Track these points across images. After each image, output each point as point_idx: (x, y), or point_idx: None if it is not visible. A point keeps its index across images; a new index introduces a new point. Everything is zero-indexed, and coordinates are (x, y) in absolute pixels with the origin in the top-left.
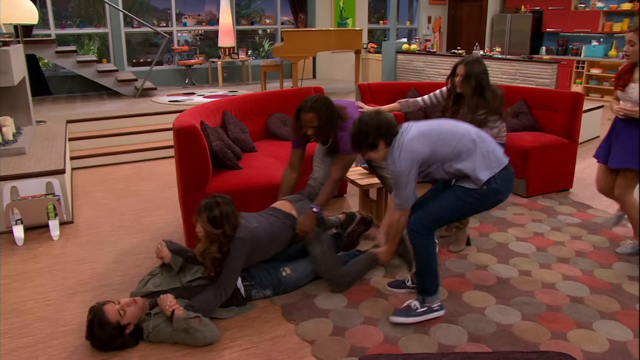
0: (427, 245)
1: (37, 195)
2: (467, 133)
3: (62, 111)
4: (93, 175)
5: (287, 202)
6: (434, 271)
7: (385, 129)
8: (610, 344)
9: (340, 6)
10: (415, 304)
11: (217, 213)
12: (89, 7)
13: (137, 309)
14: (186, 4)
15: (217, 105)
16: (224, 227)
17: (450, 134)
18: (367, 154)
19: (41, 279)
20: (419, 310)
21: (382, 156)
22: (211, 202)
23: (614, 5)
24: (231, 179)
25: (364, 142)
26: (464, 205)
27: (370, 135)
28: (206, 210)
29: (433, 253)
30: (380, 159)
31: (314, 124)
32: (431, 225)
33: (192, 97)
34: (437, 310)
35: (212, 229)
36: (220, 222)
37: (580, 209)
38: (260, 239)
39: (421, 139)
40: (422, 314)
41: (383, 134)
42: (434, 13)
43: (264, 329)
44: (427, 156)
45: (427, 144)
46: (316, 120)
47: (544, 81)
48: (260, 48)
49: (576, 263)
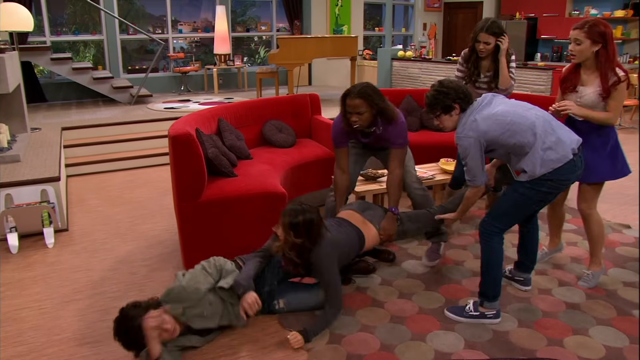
0: (491, 248)
1: (31, 203)
2: (533, 125)
3: (57, 118)
4: (88, 182)
5: (355, 212)
6: (495, 276)
7: (464, 94)
8: (606, 350)
9: (336, 13)
10: (471, 306)
11: (301, 220)
12: (85, 14)
13: (171, 337)
14: (182, 11)
15: (213, 113)
16: (304, 237)
17: (518, 125)
18: (440, 117)
19: (36, 287)
20: (472, 313)
21: (453, 123)
22: (297, 209)
23: (607, 12)
24: (227, 186)
25: (442, 102)
26: (527, 199)
27: (450, 97)
28: (290, 215)
29: (496, 258)
30: (450, 126)
31: (361, 109)
32: (498, 223)
33: (188, 104)
34: (490, 317)
35: (293, 237)
36: (302, 230)
37: (575, 215)
38: (342, 249)
39: (490, 123)
40: (473, 317)
41: (462, 99)
42: (429, 20)
43: (260, 337)
44: (491, 140)
45: (496, 129)
46: (364, 105)
47: (538, 87)
48: (255, 55)
49: (572, 269)
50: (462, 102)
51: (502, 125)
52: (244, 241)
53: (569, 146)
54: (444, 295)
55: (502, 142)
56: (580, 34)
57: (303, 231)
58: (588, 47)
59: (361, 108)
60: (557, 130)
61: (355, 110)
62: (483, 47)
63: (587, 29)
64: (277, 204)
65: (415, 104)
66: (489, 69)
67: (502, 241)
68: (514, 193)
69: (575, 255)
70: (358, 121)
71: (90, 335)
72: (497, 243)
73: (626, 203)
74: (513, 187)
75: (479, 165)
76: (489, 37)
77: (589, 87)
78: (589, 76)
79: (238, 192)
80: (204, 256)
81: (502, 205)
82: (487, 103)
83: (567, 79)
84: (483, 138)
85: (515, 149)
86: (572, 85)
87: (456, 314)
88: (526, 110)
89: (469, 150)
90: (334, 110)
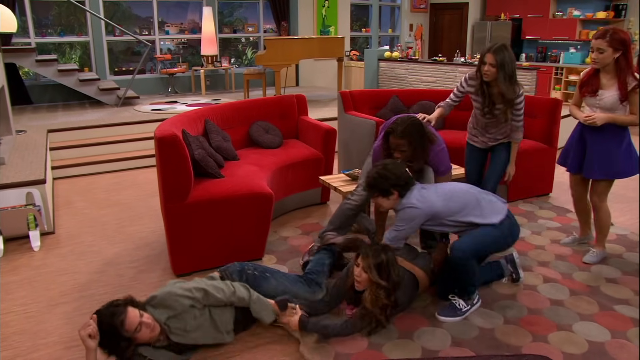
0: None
1: (17, 206)
2: (469, 189)
3: (43, 120)
4: (75, 184)
5: (403, 259)
6: (475, 281)
7: (404, 181)
8: (589, 345)
9: (323, 14)
10: (460, 302)
11: (384, 259)
12: (70, 15)
13: (151, 335)
14: (169, 12)
15: (199, 114)
16: (390, 276)
17: (457, 191)
18: (377, 197)
19: (21, 290)
20: (465, 308)
21: (390, 205)
22: (378, 248)
23: (590, 14)
24: (213, 187)
25: (380, 186)
26: (494, 239)
27: (389, 182)
28: (374, 257)
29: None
30: (387, 206)
31: (404, 148)
32: (471, 253)
33: (175, 105)
34: (477, 302)
35: (378, 278)
36: (387, 270)
37: (559, 213)
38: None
39: (433, 194)
40: (467, 311)
41: (401, 185)
42: (415, 21)
43: (248, 338)
44: (439, 209)
45: (441, 196)
46: (407, 145)
47: (523, 87)
48: (243, 56)
49: (556, 266)
50: (402, 189)
51: (445, 193)
52: (231, 242)
53: (500, 208)
54: (430, 293)
55: (451, 207)
56: (603, 44)
57: (388, 270)
58: (610, 54)
59: (404, 147)
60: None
61: (399, 149)
62: (487, 69)
63: (609, 37)
64: (264, 205)
65: (401, 104)
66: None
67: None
68: (480, 233)
69: (559, 253)
70: (400, 157)
71: (77, 339)
72: (473, 264)
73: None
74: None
75: (407, 235)
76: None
77: (608, 90)
78: (609, 80)
79: (225, 193)
80: (192, 258)
81: (474, 239)
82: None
83: (587, 83)
84: (430, 209)
85: (463, 208)
86: (592, 89)
87: (452, 315)
88: (457, 184)
89: (410, 219)
90: (321, 110)
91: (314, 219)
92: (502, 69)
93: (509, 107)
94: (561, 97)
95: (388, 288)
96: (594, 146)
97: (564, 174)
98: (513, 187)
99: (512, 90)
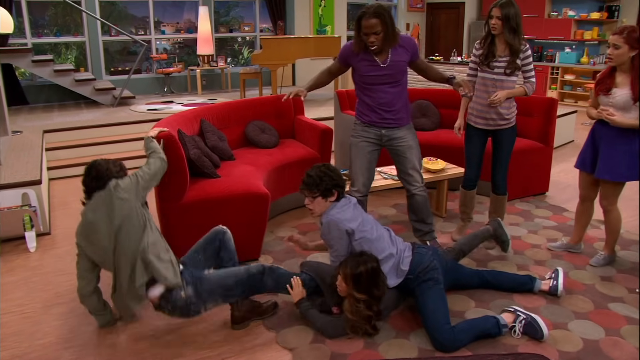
0: (461, 339)
1: (12, 207)
2: (389, 239)
3: (38, 121)
4: (71, 185)
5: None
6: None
7: (342, 188)
8: (584, 343)
9: (319, 13)
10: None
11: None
12: (66, 15)
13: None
14: (164, 12)
15: (195, 114)
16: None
17: (373, 224)
18: (315, 197)
19: (17, 291)
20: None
21: (323, 208)
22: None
23: (584, 14)
24: (209, 187)
25: (326, 183)
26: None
27: (334, 181)
28: (351, 267)
29: (475, 332)
30: (318, 210)
31: (377, 29)
32: (444, 325)
33: (171, 105)
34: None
35: (354, 290)
36: (367, 282)
37: (556, 212)
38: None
39: (351, 212)
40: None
41: (342, 187)
42: (412, 20)
43: (244, 339)
44: (354, 228)
45: (357, 218)
46: (380, 25)
47: None
48: (239, 56)
49: (552, 265)
50: (340, 191)
51: (362, 216)
52: None
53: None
54: None
55: (364, 236)
56: (619, 40)
57: (367, 284)
58: (626, 51)
59: (377, 28)
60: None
61: (372, 31)
62: (495, 22)
63: (626, 34)
64: (260, 205)
65: None
66: (504, 51)
67: (462, 327)
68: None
69: (555, 252)
70: (376, 42)
71: (73, 339)
72: (462, 333)
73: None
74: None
75: (343, 250)
76: (500, 12)
77: (621, 89)
78: (624, 79)
79: (221, 193)
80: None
81: (430, 313)
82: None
83: (602, 81)
84: (345, 226)
85: (376, 246)
86: (607, 88)
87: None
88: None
89: (331, 235)
90: (317, 110)
91: (310, 219)
92: (507, 22)
93: (516, 57)
94: (557, 96)
95: (367, 300)
96: (604, 146)
97: (560, 173)
98: (510, 186)
99: (518, 41)
